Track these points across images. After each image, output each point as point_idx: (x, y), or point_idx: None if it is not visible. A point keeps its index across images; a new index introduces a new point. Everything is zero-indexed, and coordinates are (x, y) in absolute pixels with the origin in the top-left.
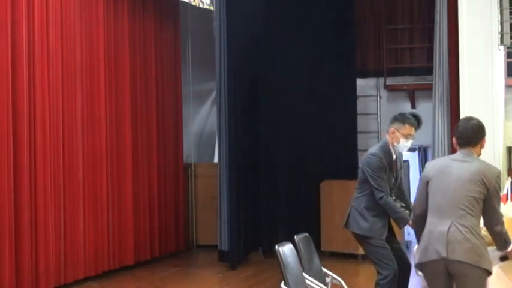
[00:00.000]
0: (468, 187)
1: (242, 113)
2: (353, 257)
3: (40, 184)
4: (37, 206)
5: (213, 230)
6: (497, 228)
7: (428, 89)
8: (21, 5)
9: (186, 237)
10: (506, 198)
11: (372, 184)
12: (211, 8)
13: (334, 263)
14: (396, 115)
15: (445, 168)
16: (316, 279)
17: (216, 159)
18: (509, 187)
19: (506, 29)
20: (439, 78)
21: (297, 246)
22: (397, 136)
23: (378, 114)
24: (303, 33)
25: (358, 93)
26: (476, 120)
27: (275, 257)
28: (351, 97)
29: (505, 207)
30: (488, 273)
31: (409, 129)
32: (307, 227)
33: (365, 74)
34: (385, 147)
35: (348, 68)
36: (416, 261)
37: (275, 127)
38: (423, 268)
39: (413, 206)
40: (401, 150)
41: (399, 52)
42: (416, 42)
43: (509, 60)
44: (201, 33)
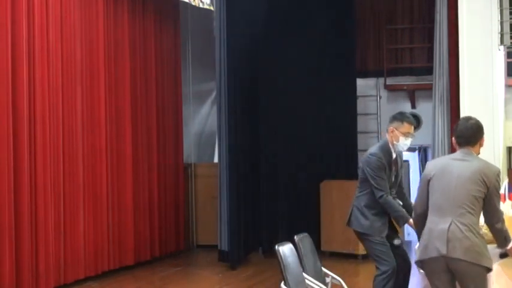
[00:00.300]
0: (468, 186)
1: (242, 113)
2: (353, 257)
3: (40, 184)
4: (37, 206)
5: (213, 230)
6: (498, 225)
7: (428, 89)
8: (21, 5)
9: (186, 237)
10: (504, 198)
11: (372, 183)
12: (211, 8)
13: (334, 263)
14: (395, 114)
15: (445, 167)
16: (316, 279)
17: (216, 159)
18: (506, 187)
19: (506, 29)
20: (439, 78)
21: (297, 246)
22: (397, 135)
23: (378, 114)
24: (303, 33)
25: (358, 93)
26: (475, 120)
27: (275, 257)
28: (351, 97)
29: (504, 206)
30: (488, 270)
31: (408, 128)
32: (307, 227)
33: (365, 74)
34: (384, 147)
35: (348, 68)
36: (417, 259)
37: (275, 127)
38: (424, 265)
39: (414, 205)
40: (401, 149)
41: (399, 52)
42: (416, 42)
43: (509, 60)
44: (201, 33)
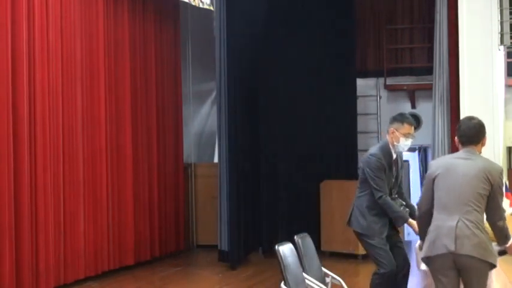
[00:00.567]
0: (474, 184)
1: (242, 113)
2: (353, 257)
3: (40, 184)
4: (37, 206)
5: (213, 230)
6: (500, 223)
7: (428, 89)
8: (21, 5)
9: (186, 237)
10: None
11: (371, 184)
12: (211, 8)
13: (334, 263)
14: (395, 115)
15: (450, 166)
16: (316, 279)
17: (216, 159)
18: (504, 187)
19: (506, 29)
20: (439, 78)
21: (297, 246)
22: (397, 136)
23: (378, 114)
24: (303, 33)
25: (358, 93)
26: (477, 119)
27: (275, 257)
28: (351, 97)
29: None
30: (493, 266)
31: (408, 128)
32: (307, 227)
33: (365, 74)
34: (385, 148)
35: (348, 68)
36: (424, 255)
37: (275, 127)
38: (430, 262)
39: (418, 203)
40: (401, 150)
41: (399, 52)
42: (416, 42)
43: (509, 60)
44: (201, 33)
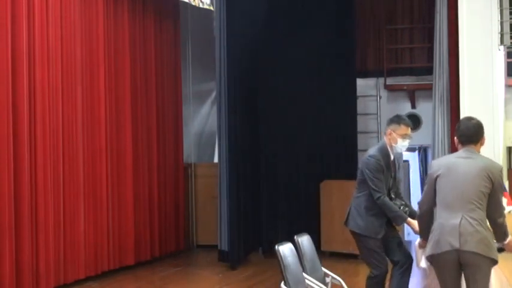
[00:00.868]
0: (476, 182)
1: (242, 113)
2: (353, 257)
3: (40, 184)
4: (37, 206)
5: (213, 230)
6: (500, 220)
7: (428, 89)
8: (21, 5)
9: (186, 237)
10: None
11: (370, 185)
12: (211, 8)
13: (334, 263)
14: (392, 117)
15: (451, 165)
16: (316, 279)
17: (216, 159)
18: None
19: (506, 29)
20: (439, 78)
21: (297, 246)
22: (394, 137)
23: (378, 114)
24: (303, 33)
25: (358, 93)
26: (476, 119)
27: (275, 257)
28: (351, 97)
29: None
30: (495, 262)
31: (405, 129)
32: (307, 227)
33: (365, 74)
34: (383, 149)
35: (348, 68)
36: (428, 254)
37: (275, 127)
38: (435, 259)
39: (420, 202)
40: (399, 151)
41: (399, 52)
42: (416, 42)
43: (509, 60)
44: (201, 33)
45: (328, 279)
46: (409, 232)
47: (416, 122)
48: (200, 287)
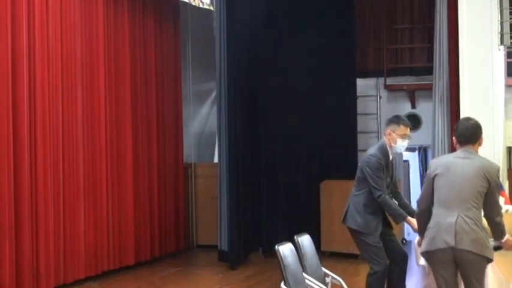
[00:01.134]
0: (473, 182)
1: (242, 113)
2: (353, 257)
3: (40, 184)
4: (37, 206)
5: (213, 230)
6: (497, 219)
7: (428, 89)
8: (21, 5)
9: (186, 237)
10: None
11: (371, 183)
12: (211, 8)
13: (334, 263)
14: (391, 117)
15: (450, 165)
16: (316, 279)
17: (216, 159)
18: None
19: (506, 29)
20: (439, 78)
21: (297, 246)
22: (394, 137)
23: (378, 114)
24: (303, 33)
25: (358, 93)
26: (474, 120)
27: (275, 257)
28: (351, 97)
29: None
30: (490, 261)
31: (404, 130)
32: (307, 227)
33: (365, 74)
34: (383, 149)
35: (348, 68)
36: (423, 250)
37: (275, 127)
38: (430, 256)
39: (418, 200)
40: (398, 150)
41: (399, 52)
42: (416, 42)
43: (509, 60)
44: (201, 33)
45: (328, 279)
46: (409, 232)
47: (416, 122)
48: (200, 287)
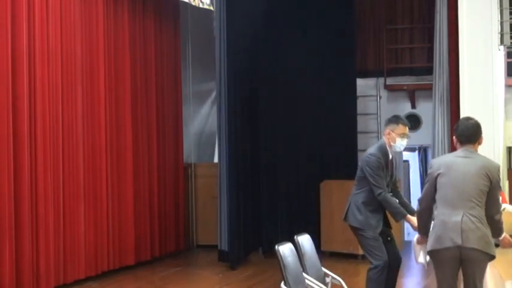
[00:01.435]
0: (475, 181)
1: (242, 113)
2: (353, 257)
3: (40, 184)
4: (37, 206)
5: (213, 230)
6: (497, 217)
7: (428, 89)
8: (21, 5)
9: (186, 237)
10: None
11: (371, 182)
12: (211, 8)
13: (334, 263)
14: (389, 117)
15: (451, 164)
16: (316, 279)
17: (216, 159)
18: None
19: (506, 29)
20: (439, 78)
21: (297, 246)
22: (393, 136)
23: (378, 114)
24: (303, 33)
25: (358, 93)
26: (474, 120)
27: (275, 257)
28: (351, 97)
29: None
30: (493, 258)
31: (403, 129)
32: (307, 227)
33: (365, 74)
34: (382, 148)
35: (348, 68)
36: (429, 249)
37: (275, 127)
38: (436, 254)
39: (420, 199)
40: (398, 150)
41: (399, 52)
42: (416, 42)
43: (509, 60)
44: (201, 33)
45: (328, 279)
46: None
47: (416, 122)
48: (200, 287)
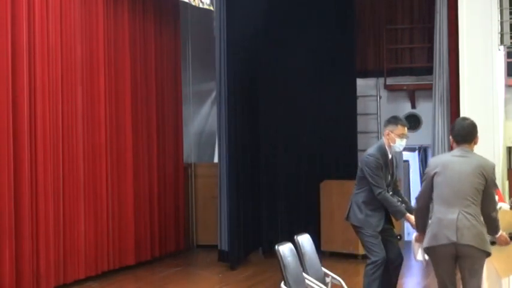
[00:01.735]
0: (471, 179)
1: (242, 113)
2: (353, 257)
3: (40, 184)
4: (37, 206)
5: (213, 230)
6: (493, 214)
7: (428, 89)
8: (21, 5)
9: (186, 237)
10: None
11: (370, 181)
12: (211, 8)
13: (334, 263)
14: (389, 118)
15: (448, 163)
16: (316, 279)
17: (216, 159)
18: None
19: (506, 29)
20: (439, 78)
21: (297, 246)
22: (392, 137)
23: (378, 114)
24: (303, 33)
25: (358, 93)
26: (470, 120)
27: (275, 257)
28: (351, 97)
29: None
30: (488, 254)
31: (402, 129)
32: (307, 227)
33: (365, 74)
34: (381, 148)
35: (348, 68)
36: (426, 245)
37: (275, 127)
38: (431, 251)
39: (417, 197)
40: (397, 150)
41: (399, 52)
42: (416, 42)
43: (509, 60)
44: (201, 33)
45: (328, 279)
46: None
47: (416, 122)
48: (200, 287)
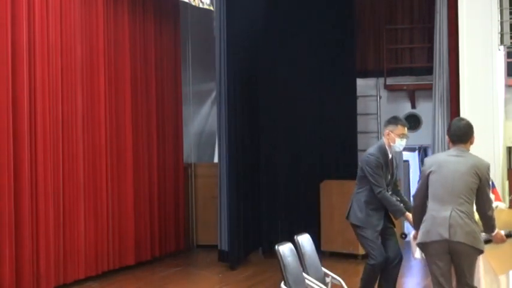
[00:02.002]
0: (465, 178)
1: (242, 113)
2: (353, 257)
3: (40, 184)
4: (37, 206)
5: (213, 230)
6: (489, 213)
7: (428, 89)
8: (21, 5)
9: (186, 237)
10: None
11: (371, 181)
12: (211, 8)
13: (334, 263)
14: (389, 118)
15: (443, 162)
16: (316, 279)
17: (216, 159)
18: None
19: (506, 29)
20: (439, 78)
21: (297, 246)
22: (393, 137)
23: (378, 114)
24: (303, 33)
25: (358, 93)
26: (466, 120)
27: (275, 257)
28: (351, 97)
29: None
30: (481, 252)
31: (402, 129)
32: (307, 227)
33: (365, 74)
34: (382, 148)
35: (348, 68)
36: (419, 241)
37: (275, 127)
38: (425, 247)
39: (414, 195)
40: (397, 149)
41: (399, 52)
42: (416, 42)
43: (509, 60)
44: (201, 33)
45: (328, 279)
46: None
47: (416, 122)
48: (200, 287)
